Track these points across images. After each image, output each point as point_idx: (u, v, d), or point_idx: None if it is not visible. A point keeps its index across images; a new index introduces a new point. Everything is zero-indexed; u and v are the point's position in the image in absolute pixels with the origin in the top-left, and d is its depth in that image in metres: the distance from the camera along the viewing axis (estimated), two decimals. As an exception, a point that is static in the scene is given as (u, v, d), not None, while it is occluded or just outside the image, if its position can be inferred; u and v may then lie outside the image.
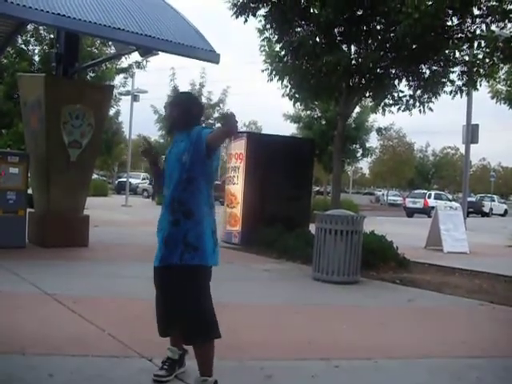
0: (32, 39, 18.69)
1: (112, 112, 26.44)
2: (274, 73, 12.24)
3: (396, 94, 12.01)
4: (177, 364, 3.99)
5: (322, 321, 6.13)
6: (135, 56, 16.97)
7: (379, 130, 30.62)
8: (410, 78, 11.59)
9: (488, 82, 12.94)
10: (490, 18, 10.26)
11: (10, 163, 9.99)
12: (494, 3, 10.13)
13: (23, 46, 18.76)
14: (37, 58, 18.96)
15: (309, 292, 7.90)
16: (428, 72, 11.43)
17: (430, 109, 11.87)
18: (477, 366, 4.74)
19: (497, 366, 4.89)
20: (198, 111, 3.96)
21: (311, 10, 11.00)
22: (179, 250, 3.62)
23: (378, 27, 11.00)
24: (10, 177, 9.94)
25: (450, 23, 10.45)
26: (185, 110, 3.87)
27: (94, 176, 31.74)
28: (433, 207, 18.71)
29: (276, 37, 11.74)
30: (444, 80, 11.46)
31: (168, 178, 3.81)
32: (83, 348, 4.56)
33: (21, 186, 10.10)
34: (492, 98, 17.36)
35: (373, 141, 33.13)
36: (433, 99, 11.78)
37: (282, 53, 11.86)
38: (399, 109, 12.11)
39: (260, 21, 11.52)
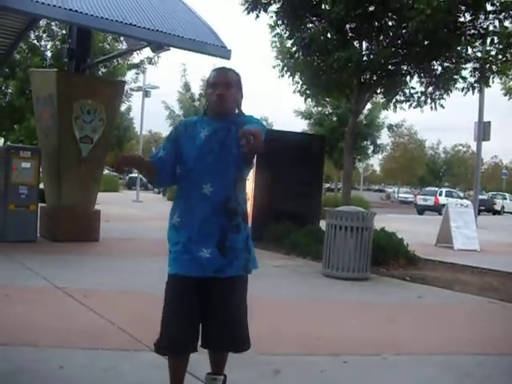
0: (44, 35, 18.76)
1: (123, 108, 26.62)
2: (285, 69, 12.25)
3: (407, 91, 11.98)
4: None
5: (332, 317, 6.14)
6: (147, 52, 17.00)
7: (390, 127, 30.57)
8: (422, 75, 11.55)
9: (501, 78, 12.86)
10: (503, 13, 10.18)
11: (22, 158, 10.07)
12: (508, -1, 10.07)
13: (35, 41, 18.83)
14: (49, 54, 19.02)
15: (319, 288, 7.91)
16: (440, 68, 11.39)
17: (442, 106, 11.83)
18: (486, 363, 4.73)
19: (506, 363, 4.87)
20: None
21: (323, 6, 10.99)
22: (243, 259, 3.16)
23: (390, 23, 10.97)
24: (22, 171, 10.02)
25: (462, 19, 10.39)
26: (239, 91, 3.27)
27: (105, 172, 31.92)
28: (444, 205, 18.61)
29: (287, 33, 11.75)
30: (456, 77, 11.41)
31: (205, 171, 3.09)
32: (94, 341, 4.60)
33: (33, 180, 10.18)
34: (505, 95, 17.27)
35: (384, 138, 33.09)
36: (444, 96, 11.73)
37: (294, 49, 11.86)
38: (410, 105, 12.07)
39: (271, 17, 11.54)
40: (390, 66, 11.08)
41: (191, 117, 3.47)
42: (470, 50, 11.14)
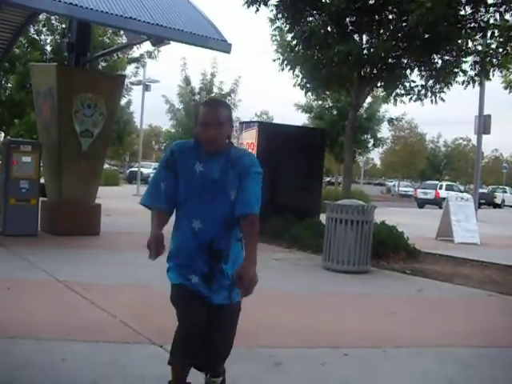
0: (44, 29, 18.76)
1: (123, 102, 26.52)
2: (285, 62, 12.21)
3: (408, 84, 11.94)
4: None
5: (332, 309, 6.16)
6: (147, 45, 16.98)
7: (391, 121, 30.47)
8: (422, 68, 11.53)
9: (501, 72, 12.82)
10: (503, 6, 10.17)
11: (22, 152, 10.09)
12: (508, -8, 10.04)
13: (35, 35, 18.83)
14: (49, 48, 19.03)
15: (319, 281, 7.93)
16: (440, 62, 11.35)
17: (442, 99, 11.81)
18: (486, 356, 4.76)
19: (506, 355, 4.90)
20: None
21: (323, 0, 10.95)
22: (226, 290, 3.16)
23: (390, 17, 10.94)
24: (22, 166, 10.03)
25: (462, 12, 10.37)
26: (229, 127, 3.17)
27: (105, 166, 31.92)
28: (444, 198, 18.62)
29: (287, 26, 11.71)
30: (456, 70, 11.38)
31: (196, 207, 3.10)
32: (95, 334, 4.62)
33: (33, 174, 10.19)
34: (505, 88, 17.23)
35: (384, 131, 32.95)
36: (445, 89, 11.71)
37: (294, 42, 11.83)
38: (411, 99, 12.04)
39: (271, 10, 11.49)
40: (390, 60, 11.05)
41: (186, 141, 3.34)
42: (470, 44, 11.11)
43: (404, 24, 10.47)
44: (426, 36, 10.27)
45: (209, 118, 3.05)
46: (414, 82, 11.89)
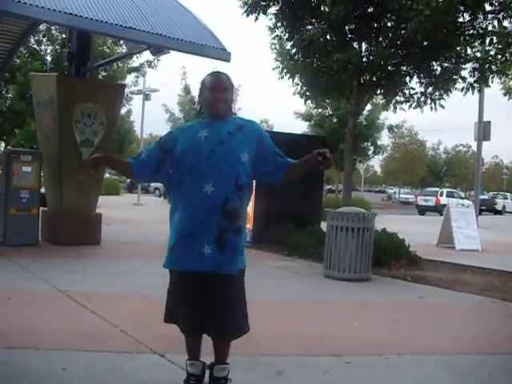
0: (44, 39, 18.85)
1: (124, 111, 26.68)
2: (285, 71, 12.25)
3: (407, 92, 11.98)
4: (202, 380, 3.55)
5: (334, 317, 6.14)
6: (147, 55, 17.05)
7: (391, 128, 30.51)
8: (421, 75, 11.56)
9: (500, 78, 12.86)
10: (502, 13, 10.20)
11: (23, 162, 10.10)
12: (506, -1, 10.08)
13: (36, 45, 18.93)
14: (49, 58, 19.12)
15: (320, 289, 7.91)
16: (439, 69, 11.40)
17: (442, 106, 11.83)
18: (488, 363, 4.73)
19: (508, 362, 4.87)
20: None
21: (322, 8, 10.99)
22: (240, 258, 3.35)
23: (389, 24, 10.98)
24: (23, 175, 10.04)
25: (461, 20, 10.41)
26: (232, 95, 3.46)
27: (106, 175, 31.96)
28: (445, 205, 18.59)
29: (287, 35, 11.75)
30: (455, 77, 11.41)
31: (207, 171, 3.21)
32: (96, 343, 4.60)
33: (34, 184, 10.20)
34: (504, 94, 17.25)
35: (384, 138, 32.99)
36: (444, 96, 11.74)
37: (293, 51, 11.87)
38: (410, 106, 12.08)
39: (271, 19, 11.54)
40: (389, 67, 11.08)
41: (186, 122, 3.66)
42: (469, 50, 11.15)
43: (403, 32, 10.51)
44: (425, 43, 10.31)
45: (216, 83, 3.35)
46: (413, 89, 11.95)
